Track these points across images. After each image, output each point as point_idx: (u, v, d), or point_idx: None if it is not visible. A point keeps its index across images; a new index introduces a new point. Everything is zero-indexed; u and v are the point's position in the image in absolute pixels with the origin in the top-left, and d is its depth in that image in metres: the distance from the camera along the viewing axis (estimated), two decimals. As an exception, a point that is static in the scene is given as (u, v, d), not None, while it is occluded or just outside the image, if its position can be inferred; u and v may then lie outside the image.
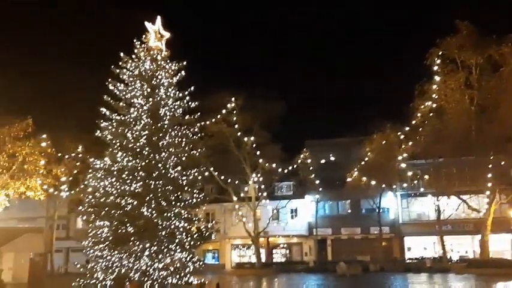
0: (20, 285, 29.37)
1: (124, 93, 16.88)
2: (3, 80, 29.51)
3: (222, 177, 39.33)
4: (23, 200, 31.72)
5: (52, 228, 40.98)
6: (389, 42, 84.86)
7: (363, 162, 38.53)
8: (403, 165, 36.86)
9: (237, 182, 40.20)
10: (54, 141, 31.80)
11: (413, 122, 33.55)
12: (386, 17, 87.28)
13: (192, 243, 15.97)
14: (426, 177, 37.60)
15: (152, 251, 14.93)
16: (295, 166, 41.26)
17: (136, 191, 15.55)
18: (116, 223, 15.33)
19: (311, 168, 42.26)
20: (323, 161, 43.08)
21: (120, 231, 15.10)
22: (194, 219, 17.00)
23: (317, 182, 42.07)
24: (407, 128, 34.79)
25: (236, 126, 38.70)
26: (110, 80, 16.78)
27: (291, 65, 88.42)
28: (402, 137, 35.68)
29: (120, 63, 16.97)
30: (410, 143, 34.85)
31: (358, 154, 39.56)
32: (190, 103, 17.53)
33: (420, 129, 33.48)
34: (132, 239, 14.95)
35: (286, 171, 40.70)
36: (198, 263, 16.08)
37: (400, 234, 41.93)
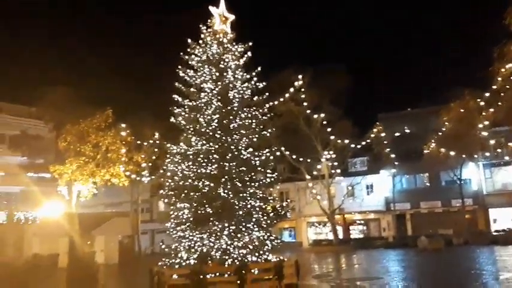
0: (112, 266, 31.65)
1: (194, 79, 17.24)
2: (85, 75, 31.41)
3: (294, 156, 39.38)
4: (108, 186, 33.83)
5: (137, 212, 43.41)
6: (465, 3, 79.55)
7: (440, 133, 36.82)
8: (485, 133, 34.74)
9: (309, 160, 40.07)
10: (133, 129, 33.46)
11: (494, 87, 31.35)
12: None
13: (268, 221, 16.19)
14: (511, 144, 35.25)
15: (231, 230, 15.32)
16: (368, 141, 40.34)
17: (212, 173, 15.96)
18: (195, 204, 15.87)
19: (385, 142, 41.06)
20: (397, 134, 41.72)
21: (199, 212, 15.62)
22: (269, 198, 17.19)
23: (392, 156, 40.86)
24: (487, 94, 32.62)
25: (304, 104, 38.40)
26: (179, 67, 17.22)
27: (360, 34, 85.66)
28: (482, 103, 33.53)
29: (188, 50, 17.34)
30: (491, 110, 32.69)
31: (434, 125, 37.88)
32: (258, 84, 17.57)
33: (502, 94, 31.23)
34: (211, 219, 15.43)
35: (359, 146, 39.93)
36: (276, 241, 16.30)
37: (484, 206, 39.85)
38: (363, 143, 39.86)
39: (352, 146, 39.31)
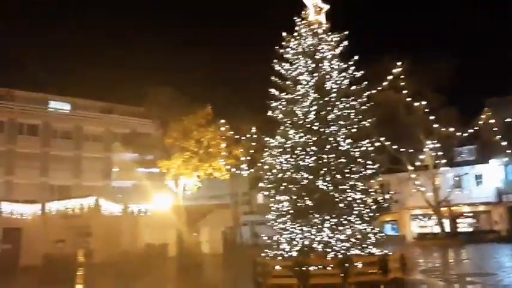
0: (217, 256, 33.07)
1: (289, 71, 17.29)
2: (186, 74, 33.00)
3: (395, 147, 37.89)
4: (210, 179, 35.29)
5: (237, 204, 44.79)
6: None
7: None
8: None
9: (411, 150, 38.31)
10: (231, 125, 34.49)
11: None
12: None
13: (370, 214, 15.77)
14: None
15: (332, 223, 15.18)
16: (476, 128, 37.51)
17: (310, 165, 15.91)
18: (294, 197, 15.96)
19: (495, 129, 37.87)
20: (509, 119, 38.30)
21: (299, 204, 15.69)
22: (370, 190, 16.73)
23: (503, 143, 37.58)
24: None
25: (405, 91, 36.72)
26: (275, 60, 17.36)
27: (465, 14, 79.75)
28: None
29: (283, 43, 17.42)
30: None
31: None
32: (355, 73, 17.14)
33: None
34: (311, 211, 15.41)
35: (466, 134, 37.31)
36: (379, 234, 15.84)
37: None
38: (470, 130, 37.16)
39: (458, 134, 36.82)
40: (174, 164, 31.30)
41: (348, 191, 15.84)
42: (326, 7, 17.74)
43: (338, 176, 15.84)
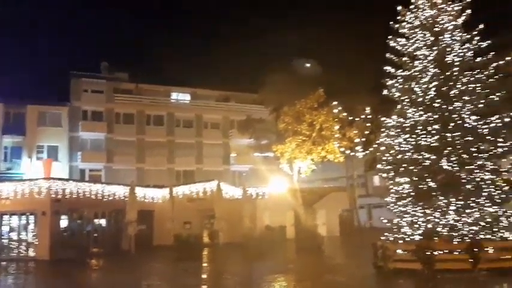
0: (334, 238, 33.08)
1: (406, 47, 16.51)
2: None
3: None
4: (324, 162, 35.16)
5: (353, 187, 44.09)
6: None
7: None
8: None
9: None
10: (344, 106, 33.87)
11: None
12: None
13: (502, 196, 14.55)
14: None
15: (458, 206, 14.31)
16: None
17: (433, 145, 15.12)
18: (415, 179, 15.33)
19: None
20: None
21: (421, 186, 15.04)
22: (502, 170, 15.40)
23: None
24: None
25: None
26: (390, 37, 16.67)
27: None
28: None
29: (399, 17, 16.65)
30: None
31: None
32: (480, 44, 15.80)
33: None
34: (435, 193, 14.68)
35: None
36: (513, 217, 14.56)
37: None
38: None
39: None
40: (288, 148, 31.74)
41: (476, 171, 14.81)
42: (445, -26, 16.52)
43: (464, 156, 14.86)
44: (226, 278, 16.32)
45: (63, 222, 25.79)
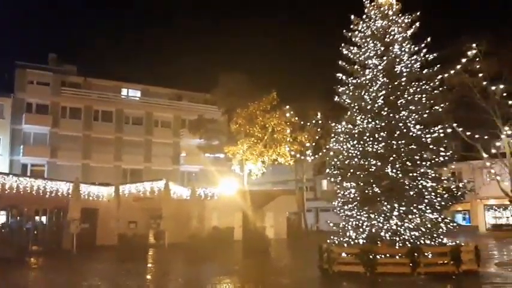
0: (281, 240, 33.34)
1: (358, 55, 16.89)
2: (252, 61, 33.13)
3: (468, 133, 36.02)
4: (274, 165, 35.48)
5: (302, 190, 44.78)
6: None
7: None
8: None
9: (486, 137, 36.22)
10: (296, 110, 34.35)
11: None
12: None
13: (442, 203, 15.16)
14: None
15: (401, 211, 14.78)
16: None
17: (379, 151, 15.53)
18: (362, 184, 15.70)
19: None
20: None
21: (366, 191, 15.41)
22: (442, 178, 16.08)
23: None
24: None
25: (480, 74, 34.67)
26: (342, 44, 17.00)
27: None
28: None
29: (352, 26, 17.01)
30: None
31: None
32: (427, 56, 16.42)
33: None
34: (380, 199, 15.09)
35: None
36: (451, 223, 15.21)
37: None
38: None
39: (541, 120, 34.27)
40: (239, 149, 31.75)
41: (418, 178, 15.35)
42: (397, -13, 17.07)
43: (408, 163, 15.38)
44: (171, 280, 16.03)
45: (2, 219, 24.52)
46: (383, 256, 13.94)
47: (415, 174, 15.40)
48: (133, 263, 19.75)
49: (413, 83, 16.30)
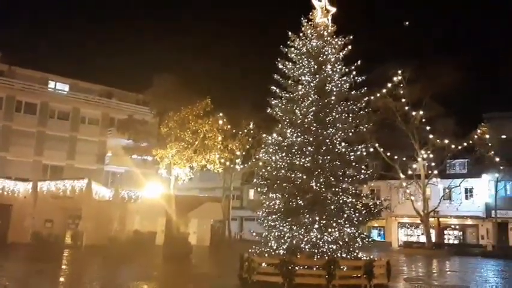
0: (203, 247, 33.19)
1: (292, 71, 17.38)
2: (188, 65, 32.90)
3: (388, 154, 38.15)
4: (203, 171, 35.30)
5: (228, 198, 44.85)
6: None
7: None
8: None
9: (404, 158, 38.57)
10: (229, 118, 34.48)
11: None
12: None
13: (360, 219, 15.92)
14: None
15: (322, 224, 15.31)
16: (471, 142, 37.78)
17: (305, 165, 16.03)
18: (287, 196, 16.09)
19: (490, 144, 38.15)
20: (504, 136, 38.53)
21: (290, 203, 15.82)
22: (362, 195, 16.90)
23: (497, 159, 37.85)
24: None
25: (403, 100, 36.94)
26: (279, 59, 17.43)
27: (469, 24, 79.83)
28: None
29: (288, 42, 17.49)
30: None
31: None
32: (356, 78, 17.27)
33: None
34: (302, 211, 15.53)
35: (460, 147, 37.57)
36: (367, 239, 16.01)
37: None
38: (465, 143, 37.42)
39: (453, 146, 37.08)
40: (168, 153, 31.26)
41: (340, 193, 16.00)
42: (333, 10, 17.85)
43: (332, 178, 15.98)
44: (85, 283, 15.41)
45: None
46: (301, 267, 14.33)
47: (337, 189, 16.04)
48: (46, 264, 18.78)
49: (341, 102, 17.05)
